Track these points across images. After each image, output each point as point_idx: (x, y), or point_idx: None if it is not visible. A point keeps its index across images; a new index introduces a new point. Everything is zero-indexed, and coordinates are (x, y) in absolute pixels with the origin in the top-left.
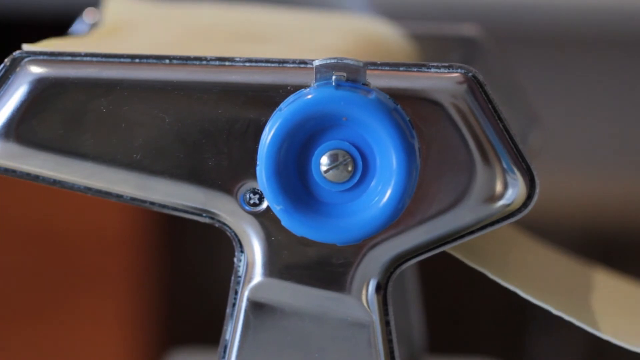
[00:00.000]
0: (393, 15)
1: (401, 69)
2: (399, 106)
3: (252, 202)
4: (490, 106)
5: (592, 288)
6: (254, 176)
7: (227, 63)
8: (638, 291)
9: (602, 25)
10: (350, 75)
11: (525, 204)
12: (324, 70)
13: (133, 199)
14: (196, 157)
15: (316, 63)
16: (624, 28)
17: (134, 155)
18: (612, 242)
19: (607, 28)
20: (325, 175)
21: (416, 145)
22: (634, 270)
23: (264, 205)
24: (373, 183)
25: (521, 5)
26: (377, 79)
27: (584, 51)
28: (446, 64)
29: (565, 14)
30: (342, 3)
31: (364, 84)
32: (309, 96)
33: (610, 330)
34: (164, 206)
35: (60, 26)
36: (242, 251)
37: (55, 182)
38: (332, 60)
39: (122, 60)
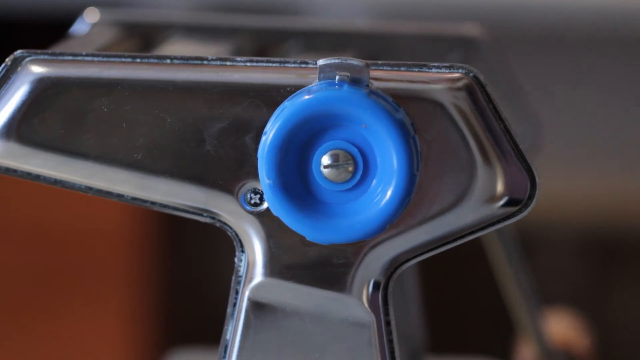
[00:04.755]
0: (393, 15)
1: (402, 69)
2: (400, 106)
3: (252, 202)
4: (491, 106)
5: None
6: (255, 176)
7: (228, 63)
8: None
9: (602, 25)
10: (353, 75)
11: (525, 204)
12: (327, 70)
13: (134, 199)
14: (197, 157)
15: (320, 62)
16: (624, 28)
17: (135, 155)
18: (612, 242)
19: (607, 28)
20: (326, 175)
21: (417, 146)
22: (634, 270)
23: (265, 205)
24: (374, 183)
25: (521, 5)
26: (379, 79)
27: (584, 51)
28: (447, 64)
29: (565, 14)
30: (339, 10)
31: (367, 85)
32: (312, 96)
33: None
34: (164, 206)
35: (60, 26)
36: (242, 251)
37: (56, 182)
38: (336, 60)
39: (123, 60)
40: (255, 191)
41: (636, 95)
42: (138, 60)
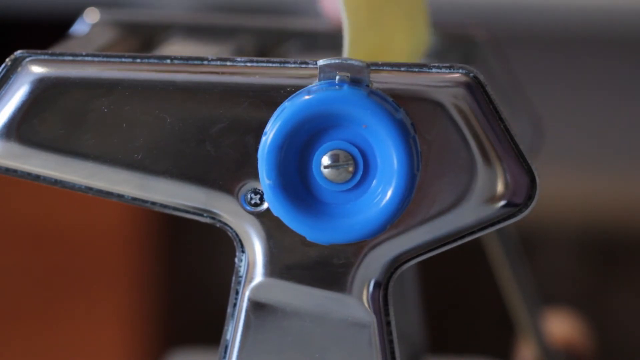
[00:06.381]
0: None
1: (402, 69)
2: (400, 107)
3: (253, 202)
4: (491, 106)
5: None
6: (255, 176)
7: (228, 63)
8: None
9: (602, 25)
10: (353, 75)
11: (525, 204)
12: (328, 70)
13: (134, 199)
14: (197, 157)
15: (320, 63)
16: (624, 28)
17: (135, 155)
18: (612, 242)
19: (607, 28)
20: (326, 175)
21: (417, 146)
22: (634, 270)
23: (265, 205)
24: (374, 183)
25: (521, 5)
26: (379, 79)
27: (584, 51)
28: (447, 64)
29: (565, 14)
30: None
31: (367, 85)
32: (312, 96)
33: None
34: (164, 206)
35: (60, 26)
36: (243, 251)
37: (56, 182)
38: (336, 61)
39: (123, 60)
40: (256, 191)
41: (636, 95)
42: (138, 60)
